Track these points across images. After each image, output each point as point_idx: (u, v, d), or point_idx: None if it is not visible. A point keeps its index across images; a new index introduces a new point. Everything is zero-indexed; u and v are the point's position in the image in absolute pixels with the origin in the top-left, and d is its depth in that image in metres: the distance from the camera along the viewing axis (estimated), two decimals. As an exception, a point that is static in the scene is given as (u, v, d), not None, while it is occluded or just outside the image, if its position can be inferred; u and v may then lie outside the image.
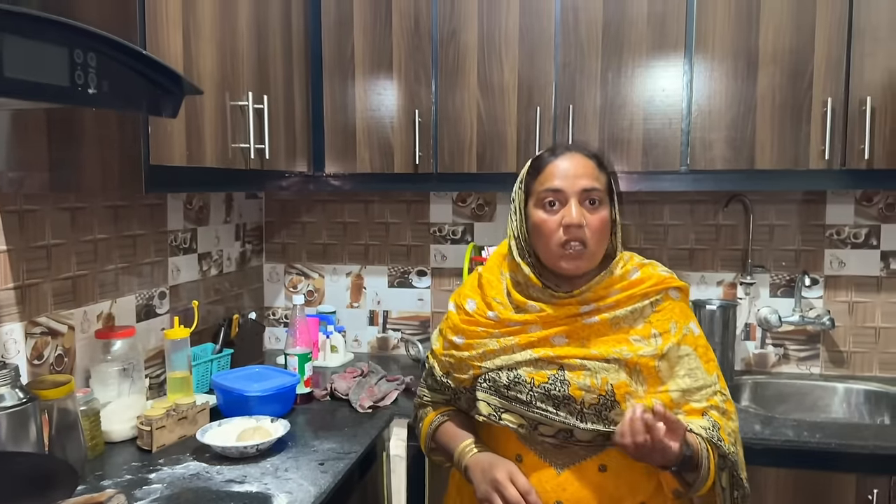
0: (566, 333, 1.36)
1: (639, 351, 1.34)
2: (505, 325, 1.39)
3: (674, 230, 2.45)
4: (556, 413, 1.32)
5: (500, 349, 1.38)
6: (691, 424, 1.34)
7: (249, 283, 2.62)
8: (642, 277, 1.40)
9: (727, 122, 2.06)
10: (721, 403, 1.39)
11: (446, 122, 2.20)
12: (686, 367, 1.37)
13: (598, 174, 1.40)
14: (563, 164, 1.38)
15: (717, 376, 1.41)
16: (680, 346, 1.38)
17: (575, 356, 1.34)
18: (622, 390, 1.32)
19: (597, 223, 1.36)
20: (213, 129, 1.69)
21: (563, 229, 1.35)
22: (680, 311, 1.42)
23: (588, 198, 1.37)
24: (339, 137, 2.27)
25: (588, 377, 1.32)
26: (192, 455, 1.66)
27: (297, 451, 1.69)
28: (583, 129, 2.12)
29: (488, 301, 1.42)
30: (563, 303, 1.38)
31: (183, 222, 2.18)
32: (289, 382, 1.91)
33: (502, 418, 1.37)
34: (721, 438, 1.34)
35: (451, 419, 1.49)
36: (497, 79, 2.16)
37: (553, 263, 1.38)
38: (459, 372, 1.43)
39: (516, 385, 1.35)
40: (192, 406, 1.81)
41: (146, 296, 2.01)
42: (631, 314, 1.37)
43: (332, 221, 2.67)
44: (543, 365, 1.35)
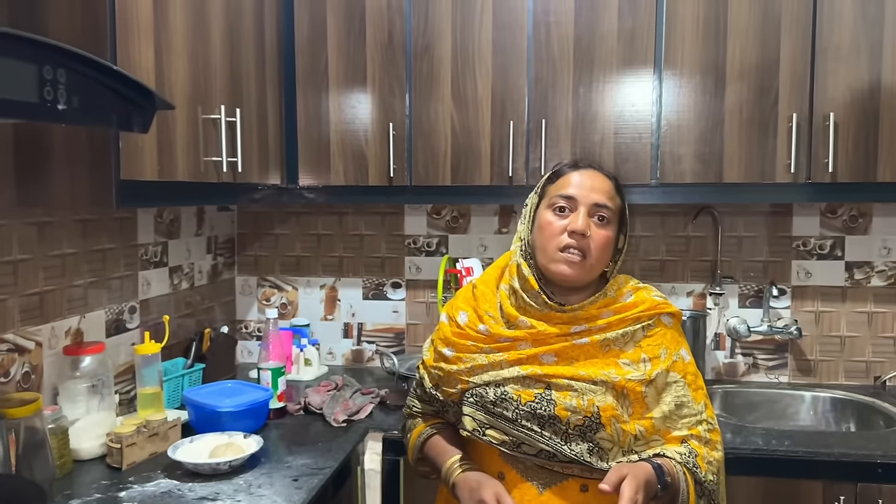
0: (556, 353, 1.37)
1: (627, 375, 1.35)
2: (495, 341, 1.39)
3: (645, 242, 2.48)
4: (541, 433, 1.33)
5: (489, 364, 1.38)
6: (666, 450, 1.36)
7: (221, 296, 2.60)
8: (636, 301, 1.41)
9: (696, 136, 2.09)
10: (704, 433, 1.40)
11: (420, 135, 2.21)
12: (673, 394, 1.38)
13: (614, 195, 1.42)
14: (581, 176, 1.41)
15: (704, 405, 1.42)
16: (669, 372, 1.39)
17: (563, 376, 1.34)
18: (608, 413, 1.33)
19: (601, 238, 1.38)
20: (185, 142, 1.68)
21: (567, 234, 1.36)
22: (671, 338, 1.42)
23: (598, 213, 1.38)
24: (312, 150, 2.26)
25: (574, 398, 1.33)
26: (163, 472, 1.64)
27: (270, 467, 1.68)
28: (555, 142, 2.14)
29: (480, 314, 1.42)
30: (553, 317, 1.38)
31: (154, 235, 2.16)
32: (261, 397, 1.90)
33: (486, 434, 1.37)
34: (697, 465, 1.36)
35: (440, 433, 1.49)
36: (471, 92, 2.18)
37: (548, 266, 1.38)
38: (448, 385, 1.44)
39: (503, 402, 1.35)
40: (162, 422, 1.78)
41: (116, 310, 1.99)
42: (622, 337, 1.38)
43: (306, 233, 2.66)
44: (531, 383, 1.36)
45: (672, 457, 1.35)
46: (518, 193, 2.19)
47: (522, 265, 1.41)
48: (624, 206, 1.45)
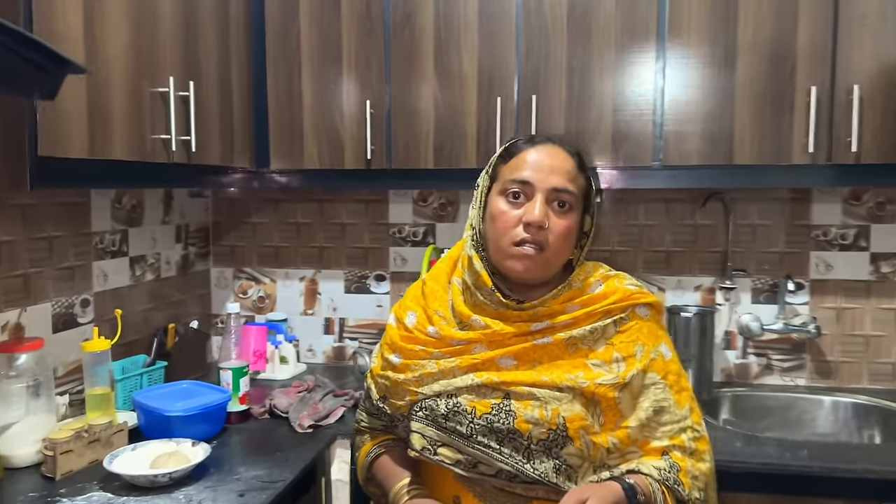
0: (515, 355, 1.19)
1: (597, 378, 1.16)
2: (446, 344, 1.21)
3: (649, 231, 2.28)
4: (500, 450, 1.15)
5: (439, 372, 1.20)
6: (642, 465, 1.17)
7: (194, 288, 2.43)
8: (605, 292, 1.23)
9: (703, 113, 1.89)
10: (689, 442, 1.21)
11: (401, 114, 2.02)
12: (651, 398, 1.19)
13: (576, 175, 1.23)
14: (538, 154, 1.22)
15: (689, 409, 1.23)
16: (646, 373, 1.20)
17: (523, 382, 1.16)
18: (576, 424, 1.14)
19: (561, 229, 1.19)
20: (126, 117, 1.51)
21: (522, 226, 1.18)
22: (648, 332, 1.24)
23: (558, 199, 1.20)
24: (284, 130, 2.09)
25: (537, 408, 1.15)
26: (99, 484, 1.47)
27: (217, 480, 1.50)
28: (547, 120, 1.95)
29: (430, 314, 1.25)
30: (511, 316, 1.20)
31: (111, 223, 1.99)
32: (217, 400, 1.72)
33: (438, 453, 1.19)
34: (679, 482, 1.17)
35: (389, 451, 1.32)
36: (455, 66, 1.98)
37: (501, 262, 1.21)
38: (395, 397, 1.26)
39: (455, 415, 1.17)
40: (106, 427, 1.62)
41: (65, 304, 1.82)
42: (590, 334, 1.20)
43: (284, 222, 2.48)
44: (487, 392, 1.17)
45: (649, 473, 1.17)
46: (507, 177, 2.00)
47: (474, 258, 1.23)
48: (589, 184, 1.26)
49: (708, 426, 1.85)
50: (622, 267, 2.26)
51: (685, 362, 2.07)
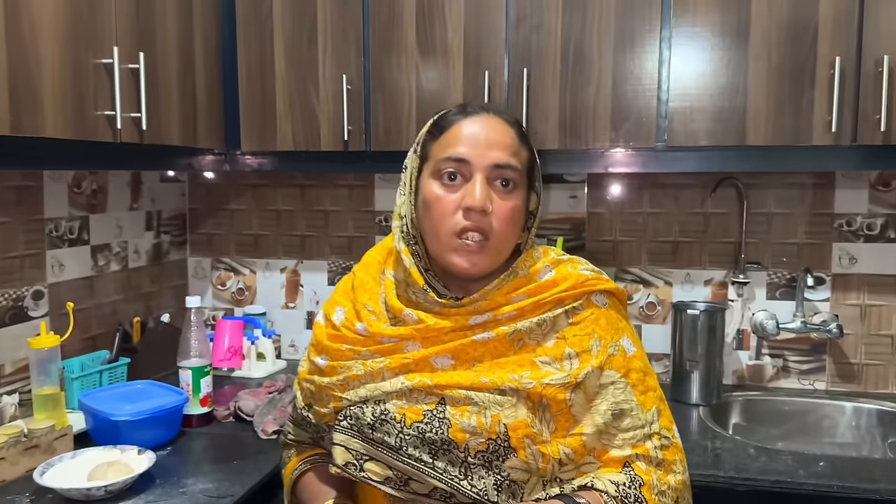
0: (452, 353, 1.02)
1: (545, 378, 1.00)
2: (375, 342, 1.05)
3: (654, 220, 2.09)
4: (433, 465, 0.99)
5: (367, 375, 1.04)
6: (597, 480, 1.00)
7: (168, 279, 2.29)
8: (556, 279, 1.06)
9: (713, 88, 1.70)
10: (655, 451, 1.03)
11: (380, 91, 1.85)
12: (610, 400, 1.02)
13: (519, 148, 1.06)
14: (474, 126, 1.05)
15: (656, 412, 1.06)
16: (603, 370, 1.03)
17: (459, 385, 1.00)
18: (520, 432, 0.98)
19: (506, 212, 1.03)
20: (60, 90, 1.35)
21: (461, 213, 1.01)
22: (607, 324, 1.06)
23: (501, 177, 1.03)
24: (255, 108, 1.92)
25: (474, 414, 0.99)
26: (30, 496, 1.33)
27: (160, 493, 1.36)
28: (540, 95, 1.76)
29: (358, 309, 1.08)
30: (448, 312, 1.03)
31: (68, 209, 1.84)
32: (171, 403, 1.58)
33: (364, 469, 1.02)
34: (641, 499, 1.00)
35: (315, 468, 1.15)
36: (440, 37, 1.81)
37: (443, 257, 1.04)
38: (320, 404, 1.10)
39: (383, 424, 1.01)
40: (47, 431, 1.48)
41: (13, 296, 1.68)
42: (538, 327, 1.03)
43: (264, 209, 2.33)
44: (419, 397, 1.01)
45: (604, 489, 0.99)
46: (496, 160, 1.83)
47: (403, 253, 1.06)
48: (533, 157, 1.10)
49: (716, 436, 1.69)
50: (625, 259, 2.12)
51: (692, 363, 1.90)
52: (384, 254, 1.14)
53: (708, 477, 1.47)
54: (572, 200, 2.12)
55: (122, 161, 1.62)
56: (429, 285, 1.05)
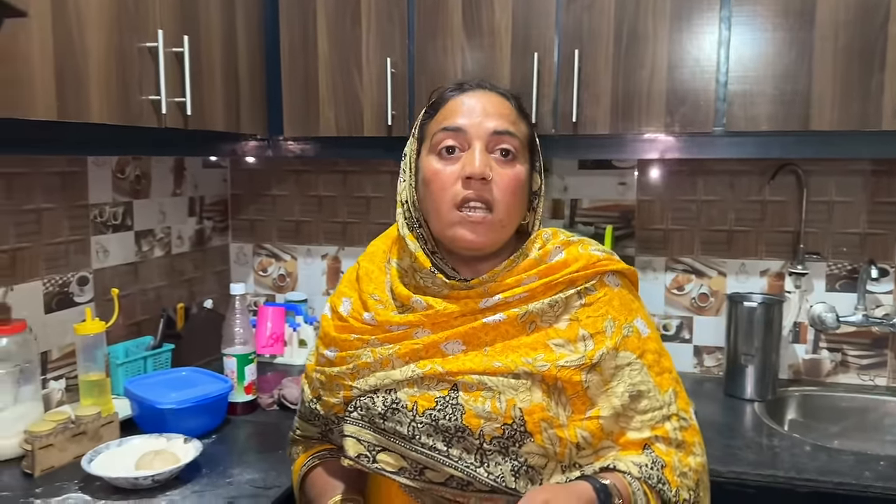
0: (463, 338, 0.99)
1: (559, 360, 0.97)
2: (384, 330, 1.02)
3: (708, 207, 2.01)
4: (448, 453, 0.96)
5: (376, 363, 1.01)
6: (619, 462, 0.98)
7: (211, 265, 2.28)
8: (567, 259, 1.03)
9: (775, 71, 1.61)
10: (674, 433, 1.02)
11: (425, 74, 1.80)
12: (626, 382, 1.00)
13: (517, 119, 1.03)
14: (469, 98, 1.03)
15: (672, 394, 1.03)
16: (619, 352, 1.00)
17: (472, 370, 0.97)
18: (536, 416, 0.95)
19: (508, 181, 0.99)
20: (105, 75, 1.33)
21: (461, 182, 0.98)
22: (620, 304, 1.04)
23: (500, 145, 1.00)
24: (298, 93, 1.89)
25: (488, 399, 0.96)
26: (79, 483, 1.33)
27: (207, 483, 1.35)
28: (592, 78, 1.70)
29: (365, 299, 1.06)
30: (458, 295, 1.00)
31: (112, 195, 1.84)
32: (216, 391, 1.57)
33: (377, 460, 1.00)
34: (664, 480, 0.98)
35: (324, 463, 1.13)
36: (486, 19, 1.75)
37: (446, 232, 1.00)
38: (329, 394, 1.07)
39: (395, 413, 0.99)
40: (94, 418, 1.48)
41: (58, 282, 1.68)
42: (550, 308, 1.00)
43: (306, 195, 2.30)
44: (431, 384, 0.99)
45: (627, 470, 0.97)
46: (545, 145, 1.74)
47: (408, 238, 1.03)
48: (533, 133, 1.07)
49: (772, 433, 1.63)
50: (676, 249, 2.05)
51: (747, 357, 1.84)
52: (388, 243, 1.12)
53: (767, 477, 1.41)
54: (621, 187, 2.06)
55: (166, 147, 1.61)
56: (436, 267, 1.02)
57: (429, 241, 1.04)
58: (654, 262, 2.05)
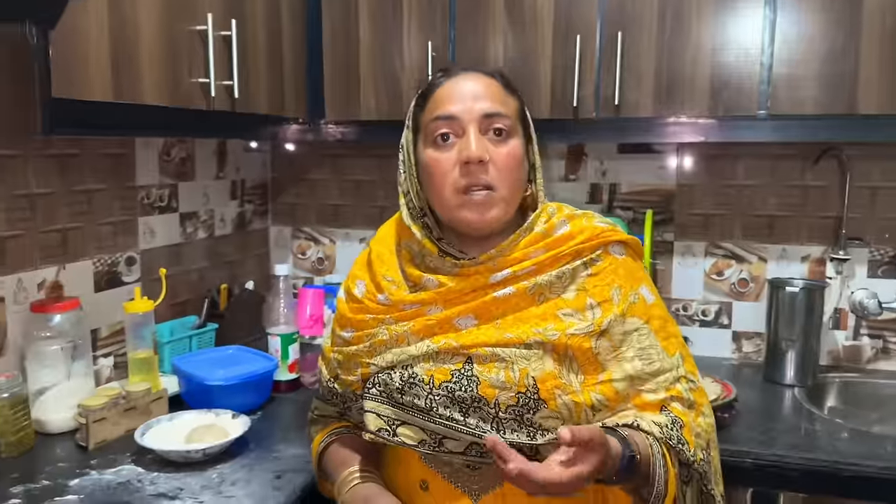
0: (475, 312, 1.02)
1: (569, 329, 1.00)
2: (398, 309, 1.06)
3: (749, 192, 2.00)
4: (465, 422, 0.99)
5: (391, 339, 1.05)
6: (642, 419, 1.00)
7: (252, 247, 2.32)
8: (572, 232, 1.06)
9: (821, 53, 1.60)
10: (686, 393, 1.05)
11: (465, 59, 1.80)
12: (635, 347, 1.03)
13: (506, 97, 1.06)
14: (457, 84, 1.05)
15: (680, 357, 1.07)
16: (626, 318, 1.04)
17: (485, 343, 1.00)
18: (548, 384, 0.98)
19: (504, 159, 1.02)
20: (157, 58, 1.36)
21: (459, 168, 1.01)
22: (626, 273, 1.07)
23: (492, 126, 1.03)
24: (340, 77, 1.91)
25: (502, 370, 0.99)
26: (131, 456, 1.37)
27: (255, 457, 1.38)
28: (635, 62, 1.70)
29: (378, 280, 1.09)
30: (467, 272, 1.03)
31: (159, 177, 1.88)
32: (261, 369, 1.60)
33: (398, 433, 1.03)
34: (683, 440, 1.01)
35: (340, 439, 1.17)
36: (528, 2, 1.75)
37: (452, 217, 1.04)
38: (347, 372, 1.11)
39: (412, 387, 1.02)
40: (144, 394, 1.52)
41: (108, 261, 1.73)
42: (558, 280, 1.03)
43: (344, 179, 2.33)
44: (446, 358, 1.01)
45: (649, 430, 0.99)
46: (585, 129, 1.78)
47: (413, 228, 1.06)
48: (523, 106, 1.09)
49: (813, 418, 1.62)
50: (717, 234, 2.04)
51: (788, 342, 1.83)
52: (398, 226, 1.14)
53: (810, 460, 1.41)
54: (661, 171, 2.05)
55: (212, 129, 1.64)
56: (444, 252, 1.05)
57: (434, 228, 1.07)
58: (694, 247, 2.04)
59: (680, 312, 2.07)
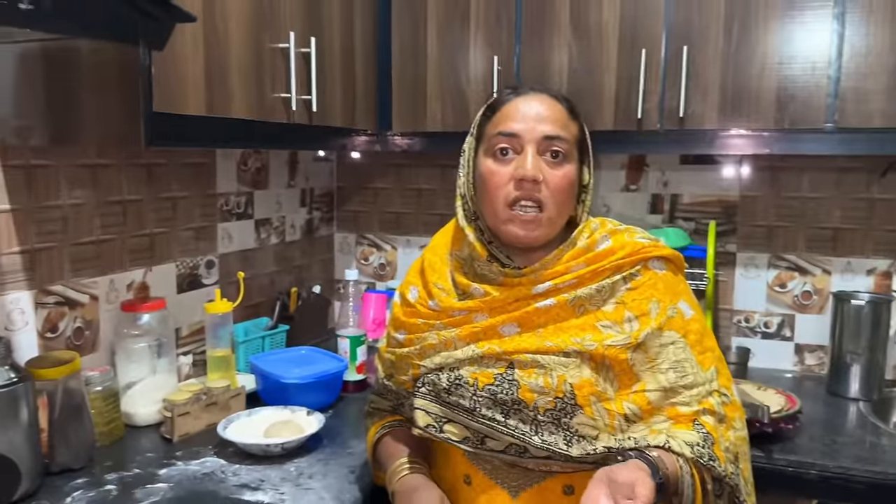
0: (518, 321, 1.08)
1: (606, 340, 1.05)
2: (447, 315, 1.12)
3: (814, 205, 1.99)
4: (506, 423, 1.06)
5: (440, 343, 1.11)
6: (672, 440, 1.03)
7: (318, 253, 2.41)
8: (613, 247, 1.11)
9: (890, 66, 1.59)
10: (718, 407, 1.08)
11: (530, 72, 1.86)
12: (671, 359, 1.07)
13: (568, 122, 1.11)
14: (524, 104, 1.10)
15: (714, 371, 1.10)
16: (663, 331, 1.08)
17: (526, 350, 1.06)
18: (585, 391, 1.03)
19: (559, 181, 1.07)
20: (245, 74, 1.45)
21: (513, 183, 1.07)
22: (665, 288, 1.11)
23: (550, 148, 1.08)
24: (407, 90, 1.98)
25: (541, 375, 1.05)
26: (213, 449, 1.46)
27: (330, 453, 1.45)
28: (700, 75, 1.72)
29: (430, 288, 1.15)
30: (512, 283, 1.09)
31: (236, 185, 1.98)
32: (333, 369, 1.67)
33: (444, 430, 1.10)
34: (714, 457, 1.03)
35: (392, 432, 1.24)
36: (594, 17, 1.79)
37: (500, 228, 1.10)
38: (400, 372, 1.18)
39: (458, 388, 1.09)
40: (224, 390, 1.61)
41: (189, 264, 1.83)
42: (597, 293, 1.08)
43: (407, 188, 2.40)
44: (489, 362, 1.08)
45: (680, 452, 1.02)
46: (649, 141, 1.80)
47: (467, 229, 1.12)
48: (583, 132, 1.14)
49: (878, 431, 1.62)
50: (780, 246, 2.04)
51: (853, 356, 1.82)
52: (449, 236, 1.20)
53: (877, 473, 1.41)
54: (724, 182, 2.06)
55: (290, 141, 1.72)
56: (492, 256, 1.11)
57: (485, 231, 1.13)
58: (757, 259, 2.05)
59: (742, 324, 2.08)
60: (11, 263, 1.39)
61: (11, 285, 1.39)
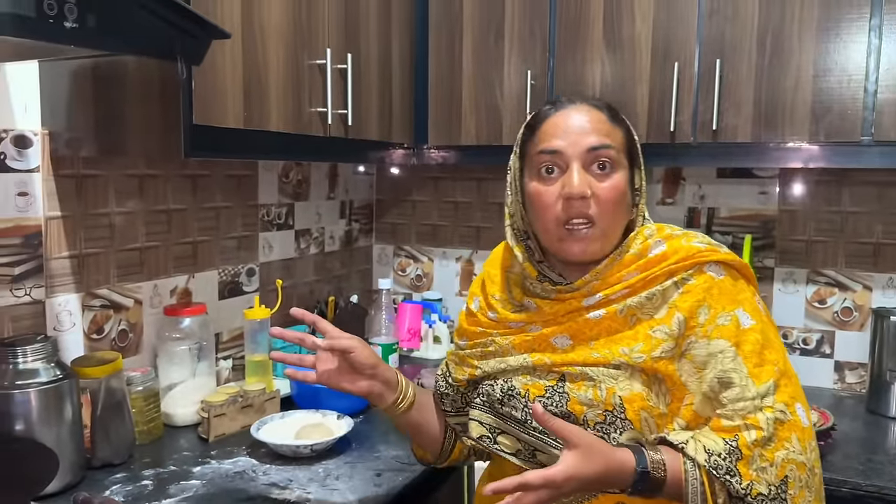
0: (570, 333, 1.07)
1: (654, 351, 1.01)
2: (504, 326, 1.13)
3: (854, 219, 1.96)
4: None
5: (497, 350, 1.13)
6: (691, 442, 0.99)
7: (356, 263, 2.46)
8: (666, 252, 1.06)
9: (932, 77, 1.57)
10: (766, 424, 0.98)
11: (563, 85, 1.88)
12: (718, 368, 1.01)
13: (612, 128, 1.07)
14: (563, 118, 1.07)
15: (772, 386, 1.00)
16: (711, 340, 1.02)
17: (575, 362, 1.05)
18: (636, 405, 1.01)
19: (608, 193, 1.04)
20: (283, 89, 1.51)
21: (562, 202, 1.04)
22: (719, 293, 1.04)
23: (597, 160, 1.05)
24: (443, 105, 2.03)
25: (590, 388, 1.03)
26: (246, 449, 1.51)
27: (357, 456, 1.48)
28: (733, 88, 1.72)
29: (489, 300, 1.17)
30: (563, 297, 1.08)
31: (277, 196, 2.05)
32: (364, 376, 1.70)
33: (497, 441, 1.11)
34: (734, 472, 0.96)
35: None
36: (627, 31, 1.81)
37: (554, 247, 1.08)
38: (459, 370, 1.20)
39: (510, 399, 1.09)
40: (259, 393, 1.66)
41: (231, 272, 1.90)
42: (648, 301, 1.04)
43: (443, 200, 2.44)
44: (541, 374, 1.08)
45: (693, 456, 0.97)
46: (682, 153, 1.80)
47: (515, 249, 1.12)
48: (630, 135, 1.10)
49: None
50: (819, 261, 2.01)
51: (893, 373, 1.77)
52: (507, 249, 1.20)
53: (915, 495, 1.37)
54: (762, 196, 2.04)
55: (327, 154, 1.78)
56: (543, 276, 1.10)
57: (536, 250, 1.12)
58: (796, 274, 2.02)
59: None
60: (61, 267, 1.47)
61: (60, 288, 1.47)
